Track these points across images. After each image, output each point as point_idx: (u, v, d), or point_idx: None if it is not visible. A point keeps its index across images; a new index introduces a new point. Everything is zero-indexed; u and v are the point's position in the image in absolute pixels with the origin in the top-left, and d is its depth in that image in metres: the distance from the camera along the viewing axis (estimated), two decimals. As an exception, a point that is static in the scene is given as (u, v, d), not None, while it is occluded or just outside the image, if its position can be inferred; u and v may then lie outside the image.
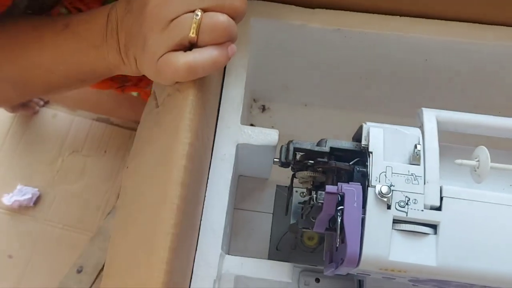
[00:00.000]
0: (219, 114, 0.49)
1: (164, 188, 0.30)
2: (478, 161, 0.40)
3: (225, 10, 0.32)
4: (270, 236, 0.61)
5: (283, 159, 0.44)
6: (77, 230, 0.82)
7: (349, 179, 0.41)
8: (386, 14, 0.52)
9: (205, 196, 0.45)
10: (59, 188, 0.83)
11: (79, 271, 0.80)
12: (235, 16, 0.33)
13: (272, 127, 0.74)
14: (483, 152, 0.39)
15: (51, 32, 0.39)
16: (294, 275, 0.62)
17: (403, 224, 0.38)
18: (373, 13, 0.52)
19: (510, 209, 0.38)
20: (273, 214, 0.62)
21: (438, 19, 0.52)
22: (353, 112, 0.69)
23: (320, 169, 0.43)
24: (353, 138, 0.44)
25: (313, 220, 0.46)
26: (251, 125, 0.72)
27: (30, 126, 0.86)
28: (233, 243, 0.61)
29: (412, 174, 0.39)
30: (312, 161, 0.43)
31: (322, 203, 0.40)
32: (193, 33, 0.31)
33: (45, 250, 0.81)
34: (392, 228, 0.38)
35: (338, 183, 0.39)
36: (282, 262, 0.52)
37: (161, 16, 0.31)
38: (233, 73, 0.50)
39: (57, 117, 0.88)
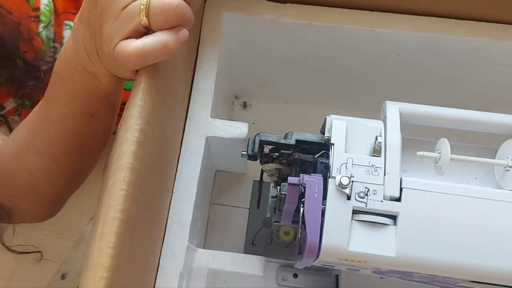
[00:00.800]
0: (189, 107, 0.49)
1: (115, 174, 0.30)
2: (440, 153, 0.40)
3: None
4: (246, 231, 0.62)
5: (249, 152, 0.44)
6: (61, 236, 0.82)
7: (314, 171, 0.42)
8: (357, 9, 0.52)
9: (173, 189, 0.46)
10: None
11: (63, 277, 0.80)
12: (189, 1, 0.33)
13: (254, 124, 0.75)
14: (445, 144, 0.39)
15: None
16: (269, 270, 0.62)
17: (362, 215, 0.38)
18: (345, 7, 0.52)
19: (469, 200, 0.38)
20: (249, 209, 0.63)
21: (409, 14, 0.52)
22: (334, 109, 0.69)
23: (284, 161, 0.43)
24: (320, 131, 0.45)
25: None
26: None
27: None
28: (209, 238, 0.61)
29: (372, 166, 0.39)
30: (278, 154, 0.43)
31: (285, 195, 0.40)
32: (142, 16, 0.31)
33: (30, 257, 0.81)
34: (352, 219, 0.38)
35: (300, 175, 0.39)
36: (254, 256, 0.52)
37: (112, 6, 0.32)
38: (204, 67, 0.50)
39: None
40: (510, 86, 0.57)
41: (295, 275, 0.65)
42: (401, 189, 0.38)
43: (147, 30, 0.32)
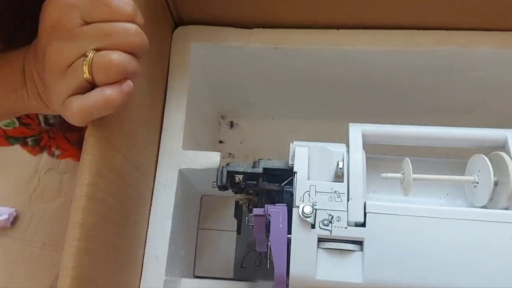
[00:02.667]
0: (161, 141, 0.49)
1: (68, 230, 0.31)
2: (403, 173, 0.40)
3: (119, 47, 0.32)
4: (235, 254, 0.62)
5: (218, 183, 0.44)
6: (56, 249, 0.80)
7: (281, 199, 0.42)
8: (323, 28, 0.52)
9: (148, 224, 0.46)
10: (36, 207, 0.83)
11: None
12: (134, 51, 0.33)
13: (241, 143, 0.75)
14: (407, 165, 0.39)
15: None
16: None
17: (328, 243, 0.38)
18: (311, 28, 0.52)
19: (435, 221, 0.38)
20: (237, 231, 0.63)
21: (374, 29, 0.52)
22: (320, 120, 0.70)
23: (251, 191, 0.43)
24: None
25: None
26: (220, 142, 0.74)
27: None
28: (199, 263, 0.62)
29: (335, 192, 0.39)
30: (244, 185, 0.44)
31: (252, 226, 0.40)
32: (86, 74, 0.31)
33: (25, 270, 0.80)
34: (318, 247, 0.38)
35: (265, 206, 0.40)
36: (239, 282, 0.52)
37: (57, 65, 0.32)
38: (174, 99, 0.51)
39: None
40: (484, 90, 0.57)
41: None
42: (365, 214, 0.38)
43: (93, 85, 0.33)
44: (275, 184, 0.42)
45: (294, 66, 0.56)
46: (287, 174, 0.43)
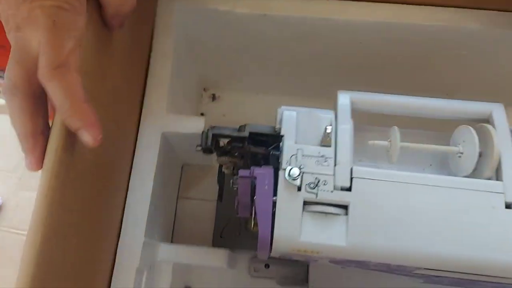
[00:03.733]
0: (144, 102, 0.48)
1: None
2: (390, 141, 0.40)
3: None
4: (215, 223, 0.61)
5: (203, 146, 0.44)
6: None
7: (267, 164, 0.42)
8: (313, -2, 0.52)
9: (128, 186, 0.45)
10: (22, 195, 0.81)
11: None
12: None
13: (224, 116, 0.74)
14: (394, 132, 0.39)
15: None
16: (241, 262, 0.62)
17: (313, 205, 0.38)
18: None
19: (419, 188, 0.38)
20: (217, 201, 0.63)
21: (365, 1, 0.51)
22: (305, 98, 0.69)
23: (237, 154, 0.43)
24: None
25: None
26: (202, 114, 0.73)
27: (-13, 133, 0.84)
28: (177, 232, 0.61)
29: (322, 156, 0.39)
30: (230, 147, 0.43)
31: (236, 188, 0.40)
32: None
33: (11, 259, 0.76)
34: (304, 210, 0.38)
35: (251, 167, 0.39)
36: (217, 248, 0.52)
37: None
38: (159, 61, 0.49)
39: None
40: (470, 70, 0.57)
41: (267, 266, 0.65)
42: (351, 179, 0.38)
43: None
44: (261, 148, 0.42)
45: (281, 36, 0.55)
46: (273, 139, 0.42)
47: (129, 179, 0.46)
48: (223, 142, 0.45)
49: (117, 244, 0.44)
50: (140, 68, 0.48)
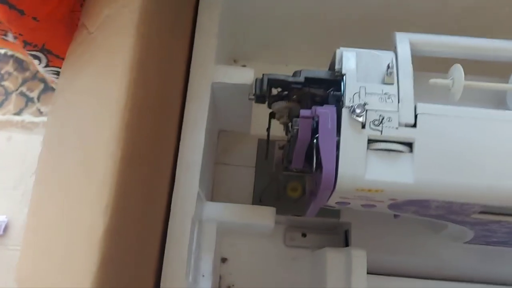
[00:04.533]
0: (194, 50, 0.47)
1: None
2: (453, 79, 0.39)
3: None
4: (254, 189, 0.61)
5: (257, 92, 0.43)
6: None
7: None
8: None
9: (180, 135, 0.45)
10: (26, 213, 0.81)
11: None
12: None
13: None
14: (458, 69, 0.39)
15: None
16: (276, 231, 0.61)
17: (378, 143, 0.37)
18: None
19: (484, 122, 0.37)
20: (255, 167, 0.62)
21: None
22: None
23: (295, 97, 0.42)
24: (329, 68, 0.44)
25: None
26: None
27: (-14, 152, 0.79)
28: (215, 195, 0.60)
29: (386, 93, 0.38)
30: (287, 92, 0.42)
31: (297, 130, 0.39)
32: None
33: None
34: (368, 148, 0.37)
35: (313, 107, 0.39)
36: (263, 207, 0.51)
37: None
38: (206, 14, 0.49)
39: (12, 140, 0.81)
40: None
41: (304, 235, 0.64)
42: (415, 116, 0.37)
43: None
44: (320, 90, 0.41)
45: (320, 11, 0.54)
46: (327, 84, 0.42)
47: (180, 129, 0.45)
48: (276, 91, 0.45)
49: (169, 194, 0.43)
50: (187, 21, 0.47)
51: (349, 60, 0.40)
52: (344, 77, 0.39)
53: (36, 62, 0.45)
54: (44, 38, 0.42)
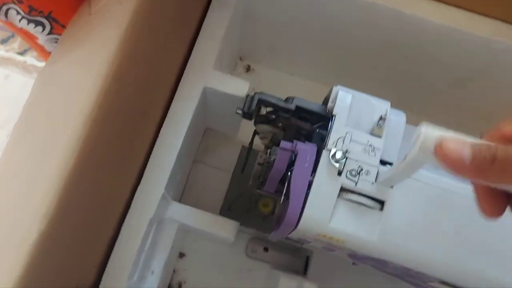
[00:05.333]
0: (194, 50, 0.46)
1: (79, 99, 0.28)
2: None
3: None
4: (225, 195, 0.60)
5: (246, 109, 0.42)
6: None
7: (308, 141, 0.40)
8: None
9: (158, 133, 0.43)
10: None
11: None
12: None
13: (253, 90, 0.72)
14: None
15: None
16: (240, 240, 0.60)
17: (350, 194, 0.36)
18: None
19: (463, 200, 0.36)
20: (232, 174, 0.61)
21: (442, 3, 0.49)
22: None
23: (280, 125, 0.41)
24: (323, 102, 0.43)
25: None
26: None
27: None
28: (186, 195, 0.60)
29: (371, 145, 0.37)
30: (274, 116, 0.41)
31: (274, 159, 0.38)
32: None
33: None
34: (339, 196, 0.36)
35: (294, 141, 0.38)
36: (227, 219, 0.50)
37: None
38: (216, 13, 0.47)
39: (10, 79, 0.80)
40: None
41: (266, 249, 0.64)
42: (395, 175, 0.36)
43: None
44: (307, 123, 0.40)
45: (341, 17, 0.52)
46: (318, 118, 0.41)
47: (160, 127, 0.44)
48: (265, 110, 0.43)
49: (132, 192, 0.42)
50: (191, 21, 0.46)
51: (343, 101, 0.39)
52: (334, 117, 0.38)
53: (39, 29, 0.44)
54: (51, 6, 0.42)
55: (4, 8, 0.42)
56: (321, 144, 0.38)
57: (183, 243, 0.60)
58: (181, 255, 0.62)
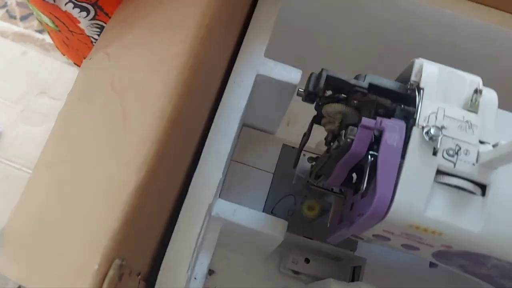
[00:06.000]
0: (245, 37, 0.44)
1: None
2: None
3: None
4: (267, 197, 0.54)
5: (311, 88, 0.37)
6: None
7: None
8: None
9: (212, 119, 0.40)
10: (22, 128, 0.79)
11: None
12: None
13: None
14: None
15: None
16: (274, 254, 0.55)
17: (448, 177, 0.31)
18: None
19: None
20: (274, 174, 0.55)
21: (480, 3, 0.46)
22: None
23: (355, 102, 0.36)
24: (398, 79, 0.38)
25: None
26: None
27: (-3, 61, 0.82)
28: (225, 197, 0.54)
29: (467, 121, 0.32)
30: (345, 95, 0.36)
31: (351, 140, 0.33)
32: None
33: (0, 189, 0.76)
34: (435, 180, 0.31)
35: (378, 118, 0.33)
36: (276, 218, 0.45)
37: None
38: (266, 3, 0.45)
39: (28, 55, 0.82)
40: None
41: (307, 260, 0.58)
42: (498, 155, 0.31)
43: None
44: (387, 100, 0.35)
45: (381, 22, 0.49)
46: (397, 98, 0.36)
47: (213, 113, 0.40)
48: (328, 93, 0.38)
49: (188, 178, 0.39)
50: (241, 13, 0.45)
51: (430, 73, 0.34)
52: (422, 91, 0.33)
53: (83, 14, 0.44)
54: None
55: None
56: (408, 123, 0.33)
57: (213, 259, 0.55)
58: (211, 272, 0.57)
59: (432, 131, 0.31)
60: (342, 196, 0.45)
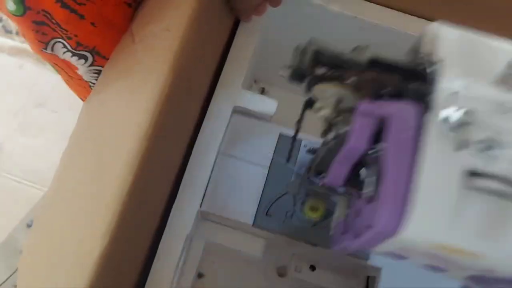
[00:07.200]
0: (223, 70, 0.46)
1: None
2: None
3: None
4: (261, 195, 0.46)
5: (296, 64, 0.29)
6: (32, 185, 0.81)
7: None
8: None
9: (192, 151, 0.42)
10: (19, 141, 0.82)
11: (29, 226, 0.79)
12: None
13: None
14: None
15: None
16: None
17: (483, 180, 0.23)
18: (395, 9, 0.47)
19: None
20: (269, 168, 0.47)
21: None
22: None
23: (352, 80, 0.27)
24: (408, 54, 0.29)
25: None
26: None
27: (-5, 75, 0.87)
28: (213, 196, 0.46)
29: (502, 104, 0.24)
30: (338, 73, 0.28)
31: (347, 132, 0.25)
32: None
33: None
34: (463, 184, 0.23)
35: (379, 101, 0.24)
36: (257, 229, 0.43)
37: None
38: (245, 35, 0.47)
39: (24, 68, 0.86)
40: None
41: (312, 268, 0.51)
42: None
43: None
44: (393, 76, 0.26)
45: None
46: (406, 76, 0.27)
47: (191, 144, 0.43)
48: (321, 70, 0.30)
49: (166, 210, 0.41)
50: (220, 44, 0.46)
51: (450, 41, 0.25)
52: (438, 65, 0.25)
53: (81, 61, 0.46)
54: (97, 41, 0.44)
55: (52, 42, 0.44)
56: (421, 108, 0.25)
57: (202, 262, 0.50)
58: (200, 275, 0.53)
59: (454, 117, 0.23)
60: (348, 197, 0.37)
